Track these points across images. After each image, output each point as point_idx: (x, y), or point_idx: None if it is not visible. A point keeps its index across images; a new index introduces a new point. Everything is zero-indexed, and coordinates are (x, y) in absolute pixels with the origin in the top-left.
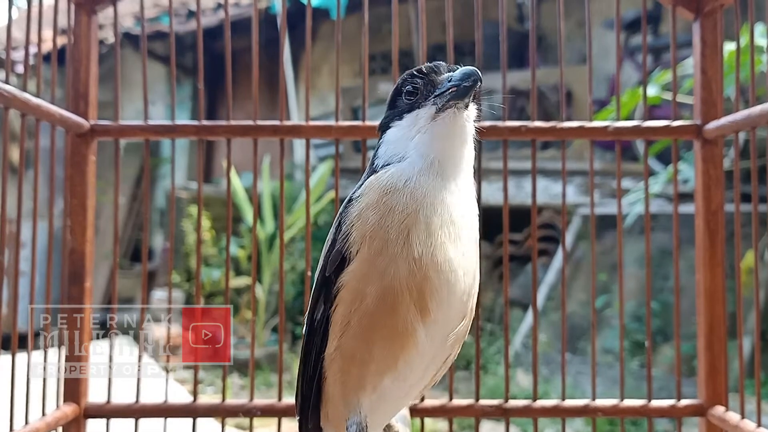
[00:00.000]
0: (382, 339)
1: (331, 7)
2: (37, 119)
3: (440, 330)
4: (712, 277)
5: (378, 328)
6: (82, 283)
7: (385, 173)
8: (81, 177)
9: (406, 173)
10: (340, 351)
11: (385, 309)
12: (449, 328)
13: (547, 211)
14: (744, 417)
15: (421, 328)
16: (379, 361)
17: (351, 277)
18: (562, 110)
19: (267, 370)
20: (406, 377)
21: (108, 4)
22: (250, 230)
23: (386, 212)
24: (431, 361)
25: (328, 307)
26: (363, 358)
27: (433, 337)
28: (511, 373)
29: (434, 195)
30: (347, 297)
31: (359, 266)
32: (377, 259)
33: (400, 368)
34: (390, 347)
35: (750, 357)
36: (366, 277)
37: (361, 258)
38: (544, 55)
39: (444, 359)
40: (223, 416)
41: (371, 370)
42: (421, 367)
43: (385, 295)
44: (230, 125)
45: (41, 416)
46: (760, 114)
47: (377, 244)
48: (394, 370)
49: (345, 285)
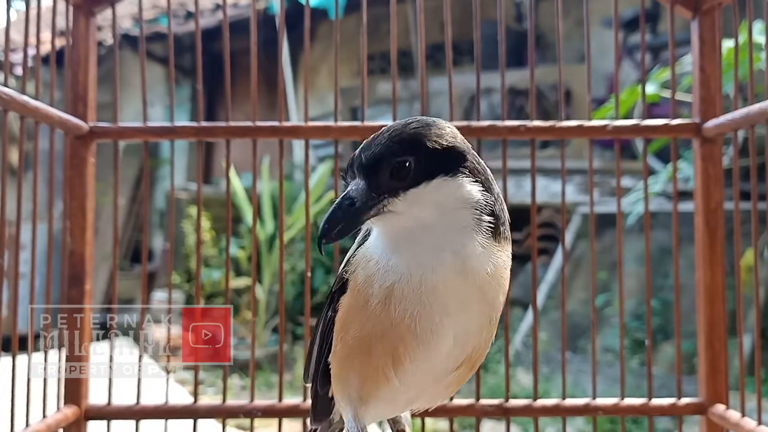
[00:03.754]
0: (361, 369)
1: (329, 7)
2: (37, 121)
3: (424, 374)
4: (712, 275)
5: (356, 360)
6: (82, 284)
7: (381, 242)
8: (80, 179)
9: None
10: (337, 356)
11: (361, 349)
12: (437, 373)
13: (547, 210)
14: (744, 415)
15: (393, 375)
16: (365, 380)
17: (342, 306)
18: (561, 109)
19: (267, 370)
20: (395, 396)
21: (106, 5)
22: (250, 231)
23: (375, 273)
24: (428, 385)
25: (333, 315)
26: (353, 371)
27: (415, 379)
28: (511, 372)
29: (422, 266)
30: (338, 321)
31: (348, 302)
32: (362, 308)
33: (386, 389)
34: (366, 379)
35: (750, 355)
36: (350, 315)
37: (350, 299)
38: (542, 54)
39: (446, 387)
40: (224, 417)
41: (360, 383)
42: (414, 391)
43: (362, 338)
44: (229, 126)
45: (42, 418)
46: (759, 112)
47: (362, 297)
48: (384, 385)
49: (339, 309)
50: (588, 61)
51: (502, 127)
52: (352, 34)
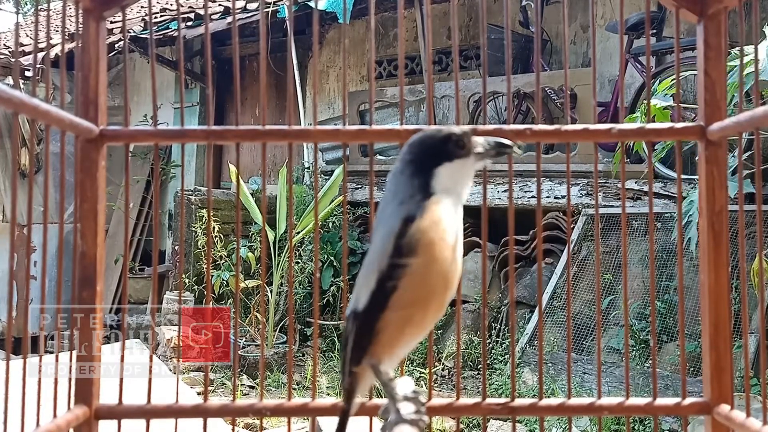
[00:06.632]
0: (417, 326)
1: (338, 12)
2: (47, 125)
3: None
4: (717, 277)
5: (416, 317)
6: (94, 286)
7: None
8: (91, 182)
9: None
10: (394, 323)
11: (423, 304)
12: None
13: (552, 212)
14: (749, 415)
15: (432, 323)
16: (413, 335)
17: (411, 271)
18: (566, 113)
19: (277, 370)
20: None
21: (116, 10)
22: (260, 233)
23: (436, 234)
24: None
25: (395, 284)
26: (408, 329)
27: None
28: (517, 372)
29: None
30: (407, 287)
31: (423, 261)
32: (433, 265)
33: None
34: (415, 334)
35: (755, 356)
36: (422, 276)
37: (425, 259)
38: (548, 59)
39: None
40: (234, 416)
41: (409, 339)
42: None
43: (426, 295)
44: (239, 130)
45: (52, 418)
46: (764, 115)
47: (433, 255)
48: (423, 334)
49: (406, 275)
50: (594, 66)
51: (508, 130)
52: (361, 38)
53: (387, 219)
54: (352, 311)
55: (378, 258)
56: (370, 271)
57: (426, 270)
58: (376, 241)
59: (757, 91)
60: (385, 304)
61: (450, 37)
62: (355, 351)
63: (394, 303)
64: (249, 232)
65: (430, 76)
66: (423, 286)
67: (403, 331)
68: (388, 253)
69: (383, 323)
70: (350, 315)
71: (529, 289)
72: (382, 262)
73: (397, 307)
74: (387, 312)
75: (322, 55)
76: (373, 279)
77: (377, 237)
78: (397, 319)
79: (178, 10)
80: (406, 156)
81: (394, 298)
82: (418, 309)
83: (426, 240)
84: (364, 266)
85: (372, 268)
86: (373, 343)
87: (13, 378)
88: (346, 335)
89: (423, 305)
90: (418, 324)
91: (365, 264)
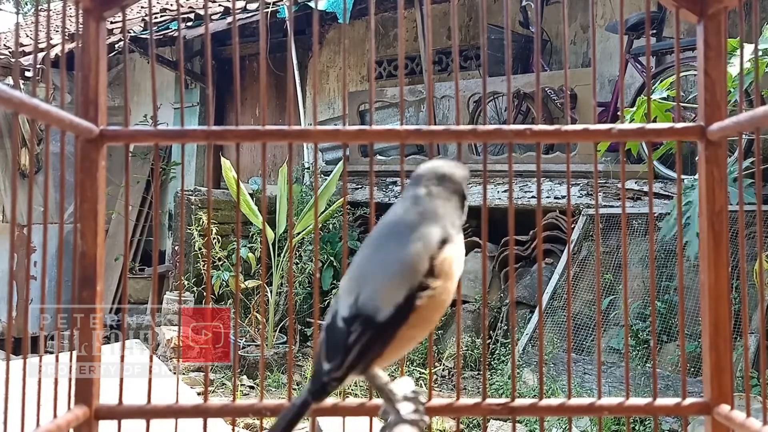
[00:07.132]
0: (417, 339)
1: (338, 12)
2: (47, 125)
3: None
4: (717, 277)
5: (420, 334)
6: (94, 286)
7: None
8: (91, 182)
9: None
10: (406, 338)
11: (430, 321)
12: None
13: (552, 212)
14: (749, 415)
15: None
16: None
17: (433, 292)
18: (566, 113)
19: (277, 371)
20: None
21: (116, 10)
22: (260, 233)
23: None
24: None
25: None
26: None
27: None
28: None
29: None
30: (428, 307)
31: (442, 284)
32: (449, 285)
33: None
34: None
35: (755, 356)
36: (442, 296)
37: (443, 281)
38: (548, 59)
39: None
40: (234, 416)
41: (410, 347)
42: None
43: (434, 311)
44: (239, 130)
45: (52, 419)
46: (764, 115)
47: (450, 276)
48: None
49: (427, 296)
50: (594, 66)
51: (508, 130)
52: (361, 38)
53: (419, 232)
54: (357, 315)
55: (409, 273)
56: (392, 279)
57: (443, 294)
58: (397, 248)
59: (757, 92)
60: (405, 319)
61: (450, 37)
62: (360, 359)
63: (412, 320)
64: (249, 233)
65: (430, 76)
66: (437, 309)
67: (405, 346)
68: (422, 272)
69: (397, 338)
70: (354, 318)
71: (529, 290)
72: (414, 279)
73: (412, 325)
74: (403, 328)
75: (322, 55)
76: (401, 293)
77: (396, 242)
78: (408, 335)
79: (178, 10)
80: (456, 186)
81: (413, 316)
82: (425, 329)
83: (451, 267)
84: (372, 263)
85: (397, 280)
86: (381, 355)
87: (13, 378)
88: (345, 337)
89: (429, 326)
90: (417, 341)
91: (375, 261)
